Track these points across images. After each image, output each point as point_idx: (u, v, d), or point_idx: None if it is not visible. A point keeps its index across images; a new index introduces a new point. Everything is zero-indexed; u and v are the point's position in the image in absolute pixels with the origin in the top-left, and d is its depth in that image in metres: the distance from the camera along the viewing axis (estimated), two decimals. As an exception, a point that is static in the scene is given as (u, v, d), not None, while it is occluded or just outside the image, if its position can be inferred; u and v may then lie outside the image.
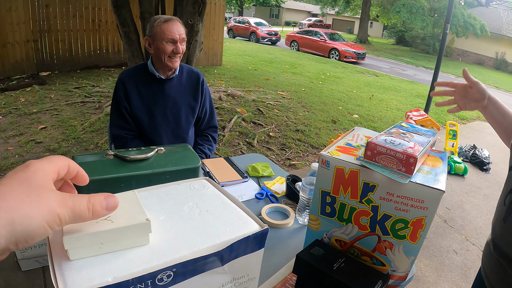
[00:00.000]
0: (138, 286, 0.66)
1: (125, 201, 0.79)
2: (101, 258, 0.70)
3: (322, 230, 1.31)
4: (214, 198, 0.96)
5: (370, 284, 1.10)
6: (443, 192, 1.03)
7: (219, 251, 0.75)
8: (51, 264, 0.67)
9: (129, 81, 2.79)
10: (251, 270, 0.88)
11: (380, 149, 1.10)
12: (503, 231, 1.32)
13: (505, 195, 1.32)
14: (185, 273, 0.72)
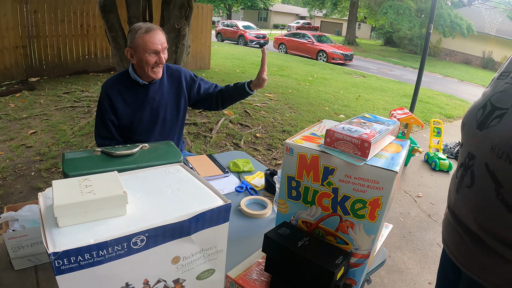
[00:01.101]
0: (116, 248, 0.79)
1: (107, 179, 0.93)
2: (85, 225, 0.84)
3: (290, 213, 1.42)
4: (186, 180, 1.07)
5: (332, 259, 1.20)
6: (396, 173, 1.14)
7: (185, 220, 0.87)
8: (43, 230, 0.80)
9: (112, 91, 2.82)
10: (218, 242, 1.00)
11: (338, 136, 1.21)
12: (456, 201, 1.44)
13: (457, 169, 1.46)
14: (156, 239, 0.85)
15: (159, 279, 0.93)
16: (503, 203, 1.23)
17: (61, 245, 0.75)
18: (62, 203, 0.81)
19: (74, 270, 0.77)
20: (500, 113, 1.32)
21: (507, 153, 1.21)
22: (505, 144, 1.23)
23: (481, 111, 1.41)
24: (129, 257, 0.84)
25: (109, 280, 0.84)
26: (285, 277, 1.35)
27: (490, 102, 1.39)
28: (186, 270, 0.98)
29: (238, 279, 1.41)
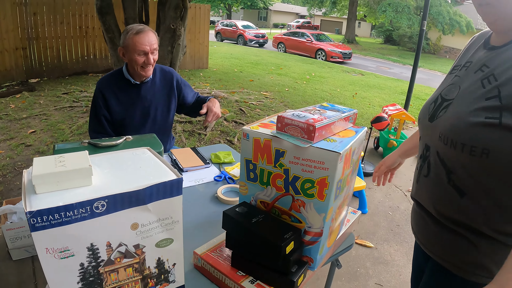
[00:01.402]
0: (80, 210, 0.96)
1: (77, 156, 1.11)
2: (57, 192, 1.01)
3: (249, 194, 1.55)
4: (148, 160, 1.22)
5: (281, 234, 1.34)
6: (339, 154, 1.27)
7: (140, 189, 1.04)
8: (23, 196, 0.98)
9: (107, 90, 2.97)
10: (174, 213, 1.15)
11: (287, 121, 1.35)
12: (417, 190, 1.62)
13: (417, 161, 1.62)
14: (115, 205, 1.01)
15: (120, 243, 1.08)
16: (455, 188, 1.37)
17: (36, 206, 0.91)
18: (39, 173, 0.98)
19: (46, 228, 0.93)
20: (447, 103, 1.45)
21: (451, 139, 1.33)
22: (448, 131, 1.36)
23: (433, 105, 1.55)
24: (92, 220, 1.00)
25: (76, 239, 1.00)
26: (242, 252, 1.47)
27: (441, 96, 1.53)
28: (145, 237, 1.13)
29: (204, 255, 1.55)
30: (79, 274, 1.05)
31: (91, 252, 1.03)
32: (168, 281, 1.28)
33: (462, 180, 1.35)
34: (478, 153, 1.26)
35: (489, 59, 1.39)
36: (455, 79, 1.52)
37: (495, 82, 1.29)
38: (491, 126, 1.23)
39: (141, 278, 1.19)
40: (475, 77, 1.39)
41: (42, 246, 0.96)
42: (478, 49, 1.53)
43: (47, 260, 0.98)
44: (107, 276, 1.11)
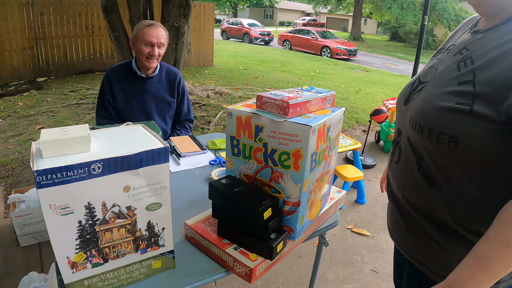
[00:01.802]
0: (79, 171, 1.12)
1: (79, 128, 1.26)
2: (60, 156, 1.17)
3: (234, 168, 1.67)
4: (141, 133, 1.38)
5: (259, 202, 1.47)
6: (310, 127, 1.39)
7: (131, 154, 1.19)
8: (32, 160, 1.13)
9: (114, 78, 3.17)
10: (162, 179, 1.30)
11: (265, 99, 1.48)
12: (388, 178, 1.60)
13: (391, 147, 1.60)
14: (110, 168, 1.17)
15: (114, 203, 1.23)
16: (424, 176, 1.31)
17: (42, 166, 1.06)
18: (45, 140, 1.13)
19: (50, 185, 1.08)
20: (422, 86, 1.39)
21: (419, 124, 1.28)
22: (416, 115, 1.30)
23: (410, 87, 1.48)
24: (89, 180, 1.15)
25: (75, 197, 1.15)
26: (227, 221, 1.62)
27: (418, 78, 1.46)
28: (136, 200, 1.27)
29: (193, 226, 1.70)
30: (77, 231, 1.20)
31: (88, 211, 1.19)
32: (158, 245, 1.43)
33: (431, 168, 1.28)
34: (446, 140, 1.19)
35: (470, 42, 1.32)
36: (435, 61, 1.46)
37: (471, 65, 1.22)
38: (461, 112, 1.16)
39: (133, 240, 1.34)
40: (453, 60, 1.33)
41: (46, 202, 1.11)
42: (464, 33, 1.45)
43: (50, 216, 1.13)
44: (102, 234, 1.26)
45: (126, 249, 1.34)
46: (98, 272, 1.32)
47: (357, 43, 28.30)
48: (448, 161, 1.22)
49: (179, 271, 1.55)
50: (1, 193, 4.54)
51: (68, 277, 1.27)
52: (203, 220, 1.76)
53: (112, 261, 1.33)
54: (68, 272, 1.26)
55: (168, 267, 1.52)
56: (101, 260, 1.30)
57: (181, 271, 1.56)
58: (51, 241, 1.17)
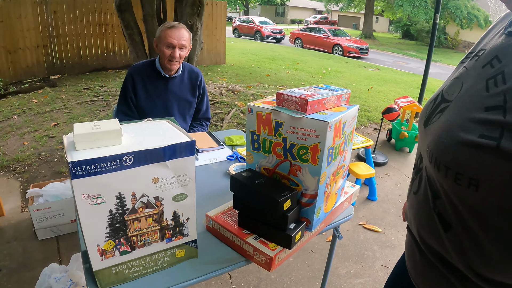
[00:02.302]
0: (112, 163, 1.19)
1: (110, 122, 1.32)
2: (94, 149, 1.22)
3: (254, 162, 1.73)
4: (167, 128, 1.44)
5: (279, 193, 1.53)
6: (328, 123, 1.45)
7: (160, 147, 1.25)
8: (65, 153, 1.19)
9: (137, 76, 3.24)
10: (188, 171, 1.36)
11: (284, 97, 1.55)
12: (407, 207, 1.36)
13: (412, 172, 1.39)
14: (140, 160, 1.23)
15: (143, 194, 1.29)
16: (439, 218, 1.08)
17: (76, 158, 1.13)
18: (79, 133, 1.20)
19: (83, 176, 1.15)
20: (444, 106, 1.11)
21: (435, 157, 1.03)
22: (433, 146, 1.05)
23: (432, 103, 1.20)
24: (121, 171, 1.21)
25: (107, 188, 1.21)
26: (247, 212, 1.69)
27: (442, 93, 1.18)
28: (164, 190, 1.33)
29: (215, 217, 1.77)
30: (108, 219, 1.27)
31: (119, 200, 1.25)
32: (182, 234, 1.49)
33: (447, 210, 1.04)
34: (465, 182, 0.93)
35: (504, 49, 1.01)
36: (462, 71, 1.15)
37: (502, 85, 0.93)
38: (485, 148, 0.88)
39: (159, 229, 1.41)
40: (481, 74, 1.03)
41: (80, 192, 1.17)
42: (497, 35, 1.12)
43: (82, 205, 1.20)
44: (131, 223, 1.32)
45: (152, 238, 1.41)
46: (125, 260, 1.39)
47: (368, 41, 28.16)
48: (466, 205, 0.97)
49: (201, 259, 1.62)
50: (18, 188, 4.62)
51: (97, 264, 1.33)
52: (224, 212, 1.83)
53: (139, 249, 1.40)
54: (97, 260, 1.32)
55: (191, 256, 1.59)
56: (129, 248, 1.37)
57: (203, 259, 1.62)
58: (83, 229, 1.24)
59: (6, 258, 3.39)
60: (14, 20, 9.15)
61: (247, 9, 52.03)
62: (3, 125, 6.62)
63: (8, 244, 3.57)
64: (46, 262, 3.32)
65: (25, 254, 3.45)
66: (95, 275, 1.35)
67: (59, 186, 3.84)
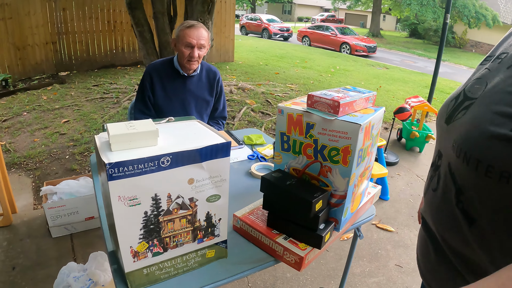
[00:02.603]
0: (150, 164, 1.17)
1: (145, 122, 1.32)
2: (129, 150, 1.21)
3: (283, 163, 1.73)
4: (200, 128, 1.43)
5: (311, 193, 1.52)
6: (360, 125, 1.44)
7: (197, 149, 1.23)
8: (99, 154, 1.17)
9: (155, 74, 3.22)
10: (222, 172, 1.35)
11: (316, 98, 1.54)
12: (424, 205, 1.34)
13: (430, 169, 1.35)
14: (177, 161, 1.21)
15: (178, 195, 1.28)
16: (463, 213, 1.05)
17: (113, 159, 1.11)
18: (115, 134, 1.18)
19: (121, 178, 1.13)
20: (469, 103, 1.12)
21: (464, 152, 1.02)
22: (462, 139, 1.05)
23: (453, 102, 1.22)
24: (158, 173, 1.20)
25: (143, 189, 1.20)
26: (277, 212, 1.68)
27: (464, 92, 1.19)
28: (199, 191, 1.32)
29: (243, 217, 1.77)
30: (143, 221, 1.26)
31: (154, 202, 1.24)
32: (213, 235, 1.48)
33: (473, 205, 1.02)
34: (496, 175, 0.92)
35: None
36: (484, 72, 1.16)
37: None
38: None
39: (192, 230, 1.40)
40: (507, 74, 1.04)
41: (116, 194, 1.16)
42: None
43: (118, 207, 1.18)
44: (165, 225, 1.31)
45: (185, 239, 1.40)
46: (157, 261, 1.38)
47: (376, 40, 28.09)
48: (495, 199, 0.95)
49: (230, 260, 1.61)
50: (30, 185, 4.62)
51: (129, 265, 1.32)
52: (251, 212, 1.83)
53: (171, 250, 1.39)
54: (129, 261, 1.31)
55: (220, 256, 1.58)
56: (161, 249, 1.36)
57: (232, 260, 1.62)
58: (117, 231, 1.22)
59: (20, 256, 3.39)
60: (23, 17, 9.19)
61: (254, 6, 52.03)
62: (13, 122, 6.64)
63: (21, 242, 3.57)
64: (60, 260, 3.32)
65: (39, 252, 3.45)
66: (127, 277, 1.34)
67: (73, 184, 3.84)
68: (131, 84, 9.36)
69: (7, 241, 3.57)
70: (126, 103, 7.71)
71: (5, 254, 3.41)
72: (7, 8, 8.77)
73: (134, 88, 8.83)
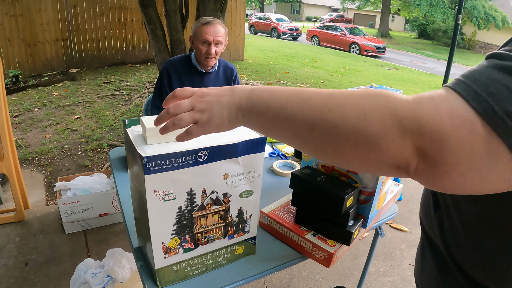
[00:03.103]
0: (187, 158, 1.14)
1: None
2: (165, 144, 1.19)
3: (312, 159, 1.72)
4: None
5: (342, 190, 1.50)
6: None
7: (234, 143, 1.21)
8: (135, 146, 1.15)
9: (173, 70, 3.22)
10: (256, 167, 1.33)
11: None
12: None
13: None
14: (214, 156, 1.19)
15: (213, 190, 1.26)
16: (433, 199, 1.08)
17: (150, 153, 1.08)
18: (152, 127, 1.15)
19: (157, 172, 1.10)
20: None
21: None
22: None
23: None
24: (195, 167, 1.17)
25: (179, 184, 1.17)
26: (307, 209, 1.66)
27: None
28: (233, 187, 1.30)
29: (270, 214, 1.75)
30: (176, 216, 1.24)
31: (189, 197, 1.22)
32: (244, 231, 1.47)
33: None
34: None
35: None
36: None
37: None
38: None
39: (224, 225, 1.38)
40: None
41: (152, 188, 1.14)
42: None
43: (153, 201, 1.16)
44: (198, 220, 1.29)
45: (216, 235, 1.38)
46: (187, 257, 1.36)
47: (384, 40, 28.06)
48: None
49: (258, 256, 1.60)
50: (42, 181, 4.63)
51: (159, 262, 1.30)
52: (278, 209, 1.81)
53: (202, 246, 1.37)
54: (160, 257, 1.29)
55: (249, 252, 1.57)
56: (193, 245, 1.34)
57: (260, 256, 1.60)
58: (150, 226, 1.20)
59: (33, 252, 3.39)
60: (34, 14, 9.22)
61: (262, 6, 52.05)
62: (24, 118, 6.65)
63: (34, 238, 3.57)
64: (74, 257, 3.32)
65: (52, 248, 3.45)
66: (156, 273, 1.32)
67: (87, 180, 3.83)
68: (142, 81, 9.36)
69: (20, 237, 3.56)
70: (138, 100, 7.71)
71: (18, 249, 3.41)
72: (18, 5, 8.80)
73: (145, 85, 8.84)
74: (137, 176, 1.19)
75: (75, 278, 2.80)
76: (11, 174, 3.58)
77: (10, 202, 4.08)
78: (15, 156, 3.85)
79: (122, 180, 2.21)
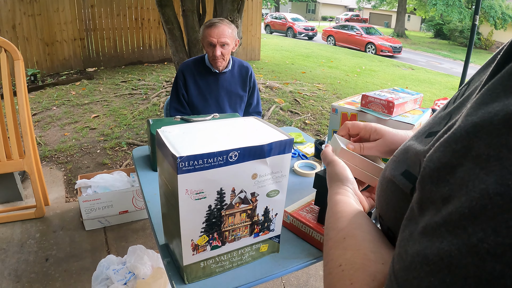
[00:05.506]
0: (218, 158, 1.17)
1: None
2: (197, 144, 1.21)
3: (335, 160, 1.77)
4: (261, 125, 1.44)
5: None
6: (413, 126, 1.47)
7: (263, 144, 1.24)
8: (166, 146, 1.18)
9: (188, 73, 3.27)
10: (283, 168, 1.36)
11: (370, 99, 1.57)
12: None
13: None
14: (244, 156, 1.22)
15: (242, 190, 1.29)
16: None
17: (183, 153, 1.11)
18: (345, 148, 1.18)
19: (190, 171, 1.13)
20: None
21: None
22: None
23: None
24: (226, 167, 1.20)
25: (210, 183, 1.20)
26: (330, 208, 1.70)
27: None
28: (260, 186, 1.34)
29: (293, 213, 1.79)
30: (206, 214, 1.27)
31: (219, 196, 1.25)
32: (269, 230, 1.50)
33: None
34: None
35: None
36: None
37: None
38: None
39: (250, 224, 1.42)
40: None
41: (184, 187, 1.17)
42: None
43: (185, 200, 1.19)
44: (226, 219, 1.33)
45: (242, 233, 1.41)
46: (214, 254, 1.39)
47: (400, 40, 27.95)
48: None
49: (282, 254, 1.63)
50: (62, 178, 4.69)
51: (188, 259, 1.34)
52: (301, 208, 1.84)
53: (228, 244, 1.40)
54: (189, 254, 1.33)
55: (273, 250, 1.59)
56: (220, 243, 1.37)
57: (284, 254, 1.63)
58: (181, 224, 1.24)
59: (53, 248, 3.44)
60: (52, 13, 9.39)
61: (278, 5, 52.03)
62: (42, 116, 6.75)
63: (55, 234, 3.62)
64: (94, 253, 3.37)
65: (73, 244, 3.50)
66: (184, 270, 1.36)
67: (108, 178, 3.89)
68: (159, 80, 9.44)
69: (40, 233, 3.62)
70: (155, 99, 7.77)
71: (38, 245, 3.46)
72: (36, 5, 8.95)
73: (163, 85, 8.91)
74: (168, 175, 1.23)
75: (97, 274, 2.85)
76: (32, 171, 3.64)
77: (30, 198, 4.14)
78: (36, 154, 3.92)
79: (146, 179, 2.24)
